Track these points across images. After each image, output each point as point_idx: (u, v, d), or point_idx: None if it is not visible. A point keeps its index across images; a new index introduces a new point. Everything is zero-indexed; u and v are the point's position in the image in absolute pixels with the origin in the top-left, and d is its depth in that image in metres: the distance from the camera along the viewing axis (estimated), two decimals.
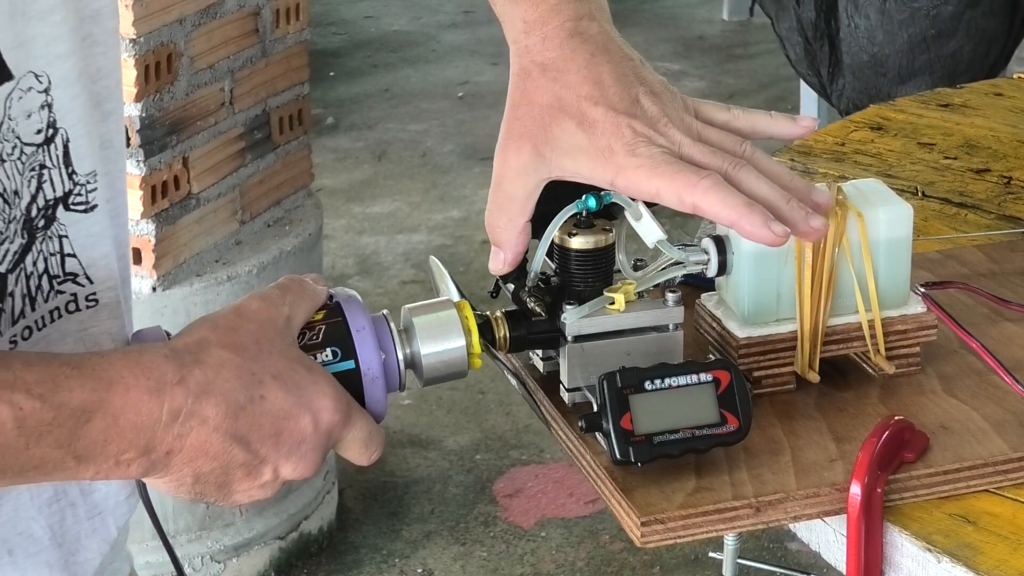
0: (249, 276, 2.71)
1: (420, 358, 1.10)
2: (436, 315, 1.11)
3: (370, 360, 1.06)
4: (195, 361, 0.99)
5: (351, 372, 1.06)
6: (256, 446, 1.00)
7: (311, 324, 1.06)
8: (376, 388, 1.07)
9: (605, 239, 1.21)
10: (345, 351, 1.06)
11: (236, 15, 2.70)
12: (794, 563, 2.91)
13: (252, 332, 1.02)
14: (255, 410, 0.99)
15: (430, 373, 1.11)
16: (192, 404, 0.97)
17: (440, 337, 1.10)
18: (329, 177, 4.64)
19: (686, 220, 4.03)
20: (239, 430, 0.99)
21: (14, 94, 1.00)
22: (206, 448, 0.98)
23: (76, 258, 1.08)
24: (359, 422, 1.04)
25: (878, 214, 1.25)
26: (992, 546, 1.12)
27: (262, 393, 1.00)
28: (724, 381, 1.15)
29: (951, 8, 3.18)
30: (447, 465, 3.27)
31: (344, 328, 1.06)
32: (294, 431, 1.01)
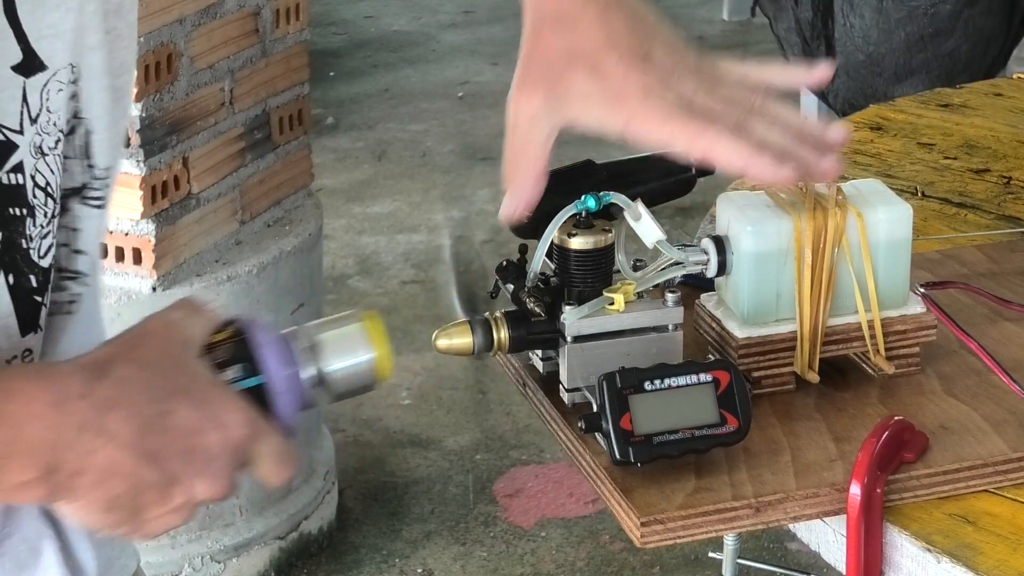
0: (249, 276, 2.71)
1: (327, 374, 1.06)
2: (340, 330, 1.07)
3: (276, 375, 1.03)
4: (100, 375, 0.95)
5: (258, 388, 1.02)
6: (167, 464, 0.95)
7: (214, 344, 1.03)
8: (284, 403, 1.03)
9: (604, 239, 1.21)
10: (251, 368, 1.03)
11: (236, 15, 2.70)
12: (794, 563, 2.91)
13: (156, 348, 0.98)
14: (163, 425, 0.95)
15: (338, 388, 1.07)
16: (98, 419, 0.93)
17: (346, 352, 1.06)
18: (329, 177, 4.64)
19: (686, 220, 4.03)
20: (149, 446, 0.95)
21: (51, 85, 0.99)
22: (115, 468, 0.94)
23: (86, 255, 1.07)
24: (269, 438, 1.00)
25: (878, 214, 1.25)
26: (992, 546, 1.12)
27: (169, 408, 0.96)
28: (724, 381, 1.15)
29: (949, 7, 3.18)
30: (447, 465, 3.27)
31: (248, 345, 1.03)
32: (204, 447, 0.97)
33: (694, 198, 1.51)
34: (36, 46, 0.97)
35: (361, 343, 1.07)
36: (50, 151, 1.00)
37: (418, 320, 3.83)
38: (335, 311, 3.76)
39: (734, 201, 1.26)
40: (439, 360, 3.56)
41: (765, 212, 1.24)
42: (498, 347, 1.22)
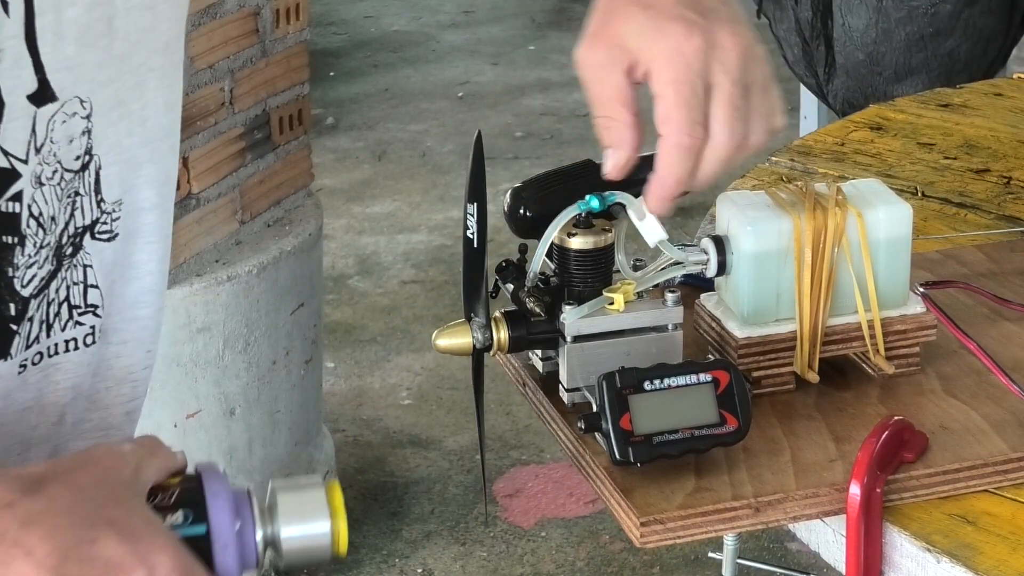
0: (249, 276, 2.71)
1: (280, 540, 1.02)
2: (302, 497, 1.02)
3: (222, 526, 0.99)
4: (31, 490, 0.93)
5: (201, 538, 0.99)
6: None
7: (165, 486, 1.00)
8: (227, 556, 0.99)
9: (604, 239, 1.21)
10: (197, 515, 0.99)
11: (236, 15, 2.70)
12: (794, 563, 2.91)
13: (94, 476, 0.95)
14: (84, 554, 0.92)
15: (290, 556, 1.03)
16: (17, 532, 0.91)
17: (303, 520, 1.02)
18: (329, 177, 4.64)
19: (686, 220, 4.03)
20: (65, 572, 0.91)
21: (57, 116, 0.99)
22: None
23: (98, 289, 1.07)
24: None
25: (878, 214, 1.25)
26: (991, 546, 1.12)
27: (94, 537, 0.92)
28: (723, 381, 1.15)
29: (949, 7, 3.18)
30: (447, 465, 3.27)
31: (199, 491, 1.00)
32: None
33: (694, 198, 1.52)
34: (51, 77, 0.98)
35: (320, 513, 1.02)
36: (48, 181, 1.00)
37: (418, 320, 3.83)
38: (335, 311, 3.76)
39: (734, 201, 1.26)
40: (439, 360, 3.56)
41: (765, 212, 1.24)
42: (498, 347, 1.22)
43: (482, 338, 1.20)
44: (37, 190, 1.00)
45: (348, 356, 3.67)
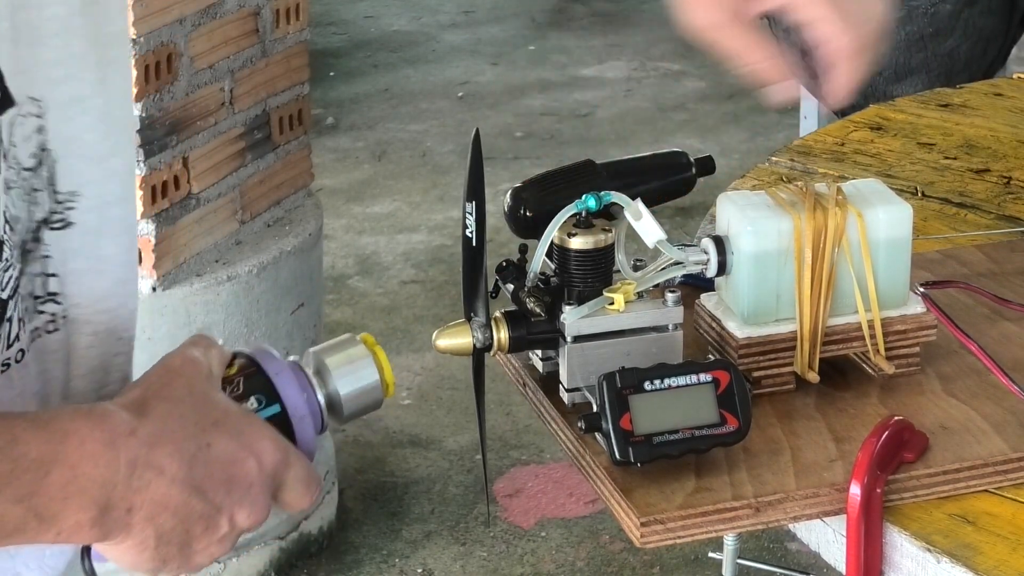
0: (249, 276, 2.71)
1: (339, 396, 1.09)
2: (346, 353, 1.10)
3: (296, 400, 1.06)
4: (141, 413, 0.98)
5: (278, 416, 1.06)
6: (211, 495, 0.99)
7: (228, 378, 1.06)
8: (305, 427, 1.07)
9: (604, 239, 1.21)
10: (269, 397, 1.06)
11: (236, 15, 2.70)
12: (794, 563, 2.91)
13: (184, 385, 1.01)
14: (205, 457, 0.98)
15: (349, 409, 1.10)
16: (147, 455, 0.96)
17: (353, 373, 1.09)
18: (329, 177, 4.64)
19: (686, 220, 4.03)
20: (195, 479, 0.98)
21: (16, 120, 1.00)
22: (166, 502, 0.97)
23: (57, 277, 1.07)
24: (298, 462, 1.04)
25: (878, 214, 1.25)
26: (992, 546, 1.12)
27: (208, 440, 0.99)
28: (724, 381, 1.15)
29: (949, 7, 3.18)
30: (447, 465, 3.27)
31: (263, 375, 1.06)
32: (242, 475, 1.00)
33: (694, 198, 1.52)
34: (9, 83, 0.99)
35: (366, 363, 1.10)
36: (14, 184, 1.02)
37: (418, 320, 3.83)
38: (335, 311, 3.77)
39: (734, 201, 1.26)
40: (439, 360, 3.56)
41: (765, 212, 1.24)
42: (498, 347, 1.22)
43: (482, 337, 1.20)
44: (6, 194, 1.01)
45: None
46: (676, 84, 5.43)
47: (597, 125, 5.06)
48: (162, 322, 2.60)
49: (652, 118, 5.09)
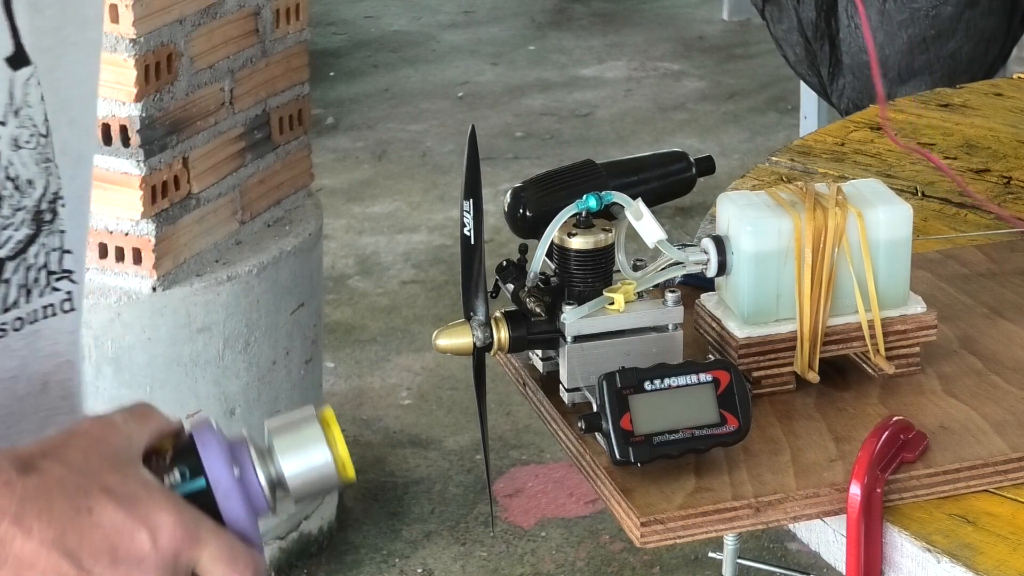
0: (249, 276, 2.71)
1: (284, 478, 1.03)
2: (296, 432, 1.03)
3: (219, 473, 1.00)
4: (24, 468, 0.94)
5: (202, 492, 1.00)
6: (88, 563, 0.93)
7: (160, 451, 1.01)
8: (232, 505, 1.00)
9: (605, 239, 1.21)
10: (194, 469, 1.00)
11: (236, 15, 2.70)
12: (794, 563, 2.91)
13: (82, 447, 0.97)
14: (82, 523, 0.93)
15: (297, 492, 1.04)
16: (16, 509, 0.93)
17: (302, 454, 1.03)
18: (329, 177, 4.64)
19: (686, 220, 4.03)
20: (67, 544, 0.93)
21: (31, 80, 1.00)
22: (32, 561, 0.93)
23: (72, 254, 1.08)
24: (212, 540, 0.97)
25: (878, 214, 1.25)
26: (992, 546, 1.12)
27: (90, 505, 0.94)
28: (724, 381, 1.15)
29: (950, 9, 3.18)
30: (447, 465, 3.27)
31: (192, 447, 1.01)
32: (130, 548, 0.94)
33: (694, 198, 1.52)
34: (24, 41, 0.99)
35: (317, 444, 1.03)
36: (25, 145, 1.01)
37: (418, 320, 3.83)
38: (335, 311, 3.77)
39: (734, 201, 1.26)
40: (439, 360, 3.56)
41: (765, 212, 1.24)
42: (498, 347, 1.22)
43: (482, 336, 1.20)
44: (15, 153, 1.01)
45: (348, 356, 3.67)
46: (676, 84, 5.42)
47: (597, 125, 5.06)
48: (162, 322, 2.60)
49: (652, 118, 5.09)
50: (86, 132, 1.12)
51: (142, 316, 2.58)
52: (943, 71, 3.21)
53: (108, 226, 2.57)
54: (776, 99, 5.24)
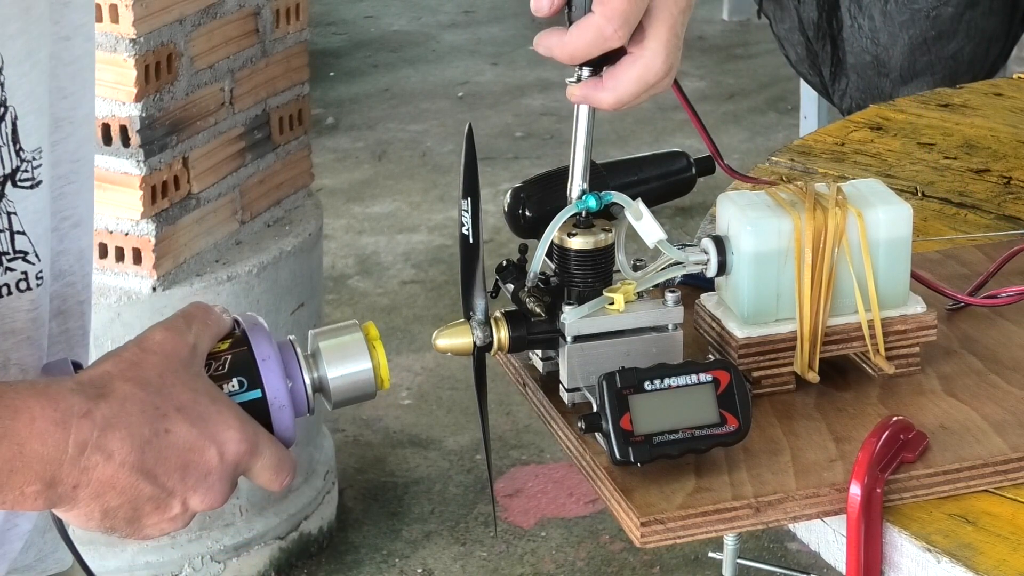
0: (249, 276, 2.71)
1: (328, 382, 1.09)
2: (341, 339, 1.10)
3: (276, 389, 1.06)
4: (100, 395, 0.98)
5: (258, 401, 1.05)
6: (163, 480, 0.99)
7: (217, 354, 1.06)
8: (283, 416, 1.06)
9: (604, 239, 1.21)
10: (251, 381, 1.06)
11: (236, 15, 2.70)
12: (794, 563, 2.91)
13: (155, 365, 1.01)
14: (160, 444, 0.99)
15: (338, 396, 1.10)
16: (97, 438, 0.97)
17: (346, 360, 1.09)
18: (329, 177, 4.64)
19: (686, 220, 4.03)
20: (145, 464, 0.98)
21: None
22: (113, 483, 0.98)
23: (26, 235, 1.08)
24: (267, 451, 1.03)
25: (878, 214, 1.25)
26: (992, 546, 1.12)
27: (167, 427, 0.99)
28: (724, 381, 1.15)
29: (951, 9, 3.18)
30: (447, 465, 3.27)
31: (250, 357, 1.06)
32: (200, 463, 1.00)
33: (694, 198, 1.52)
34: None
35: (360, 352, 1.09)
36: None
37: (418, 320, 3.83)
38: (335, 311, 3.77)
39: (734, 201, 1.26)
40: (439, 360, 3.56)
41: (765, 212, 1.24)
42: (498, 347, 1.22)
43: (482, 335, 1.20)
44: None
45: None
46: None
47: (597, 125, 5.05)
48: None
49: (652, 118, 5.09)
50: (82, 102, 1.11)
51: (142, 316, 2.58)
52: (944, 72, 3.21)
53: (108, 226, 2.57)
54: (776, 99, 5.24)
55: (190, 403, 1.00)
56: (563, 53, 1.12)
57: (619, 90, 1.13)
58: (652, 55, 1.12)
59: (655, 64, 1.13)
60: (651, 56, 1.12)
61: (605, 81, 1.14)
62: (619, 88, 1.13)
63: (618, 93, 1.14)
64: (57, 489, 0.97)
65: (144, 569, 2.71)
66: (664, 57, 1.12)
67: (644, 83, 1.13)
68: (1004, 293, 1.37)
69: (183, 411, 1.00)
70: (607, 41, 1.11)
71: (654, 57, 1.12)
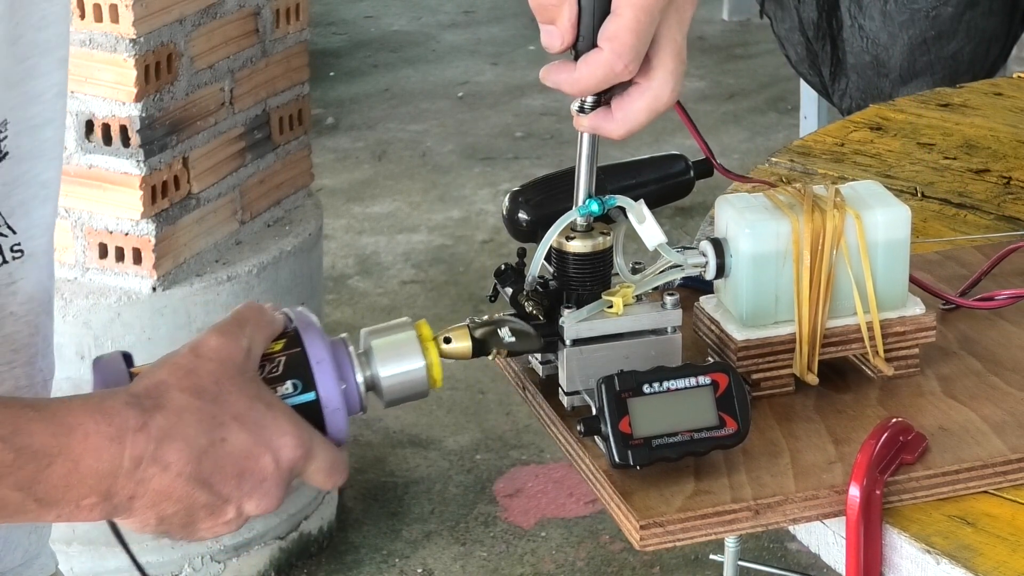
0: (249, 276, 2.71)
1: (380, 381, 1.09)
2: (394, 337, 1.10)
3: (330, 392, 1.06)
4: (156, 407, 0.98)
5: (312, 404, 1.05)
6: (219, 488, 1.00)
7: (270, 355, 1.06)
8: (337, 419, 1.06)
9: (603, 242, 1.21)
10: (305, 383, 1.05)
11: (236, 15, 2.70)
12: (794, 563, 2.91)
13: (211, 372, 1.01)
14: (217, 453, 0.99)
15: (390, 395, 1.10)
16: (154, 451, 0.97)
17: (399, 358, 1.09)
18: (329, 177, 4.64)
19: (686, 220, 4.03)
20: (201, 473, 0.99)
21: None
22: (169, 493, 0.98)
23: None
24: (321, 454, 1.04)
25: (876, 216, 1.25)
26: (991, 547, 1.12)
27: (223, 435, 1.00)
28: (723, 384, 1.15)
29: (951, 9, 3.18)
30: (447, 465, 3.27)
31: (304, 359, 1.06)
32: (256, 470, 1.01)
33: (694, 198, 1.52)
34: None
35: (413, 351, 1.09)
36: None
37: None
38: (335, 311, 3.76)
39: (732, 203, 1.26)
40: None
41: (763, 214, 1.24)
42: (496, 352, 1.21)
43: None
44: None
45: None
46: None
47: None
48: (162, 322, 2.60)
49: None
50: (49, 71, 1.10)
51: (142, 316, 2.58)
52: (944, 72, 3.21)
53: (108, 226, 2.57)
54: (776, 99, 5.24)
55: (246, 410, 1.01)
56: (573, 89, 1.12)
57: (629, 121, 1.14)
58: (661, 85, 1.13)
59: (664, 94, 1.13)
60: (660, 86, 1.13)
61: (615, 112, 1.14)
62: (629, 119, 1.14)
63: (628, 125, 1.14)
64: (113, 501, 0.97)
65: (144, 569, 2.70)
66: (672, 86, 1.13)
67: (654, 112, 1.14)
68: (1000, 295, 1.37)
69: (239, 419, 1.00)
70: (617, 76, 1.11)
71: (663, 87, 1.13)
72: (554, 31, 1.11)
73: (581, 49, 1.12)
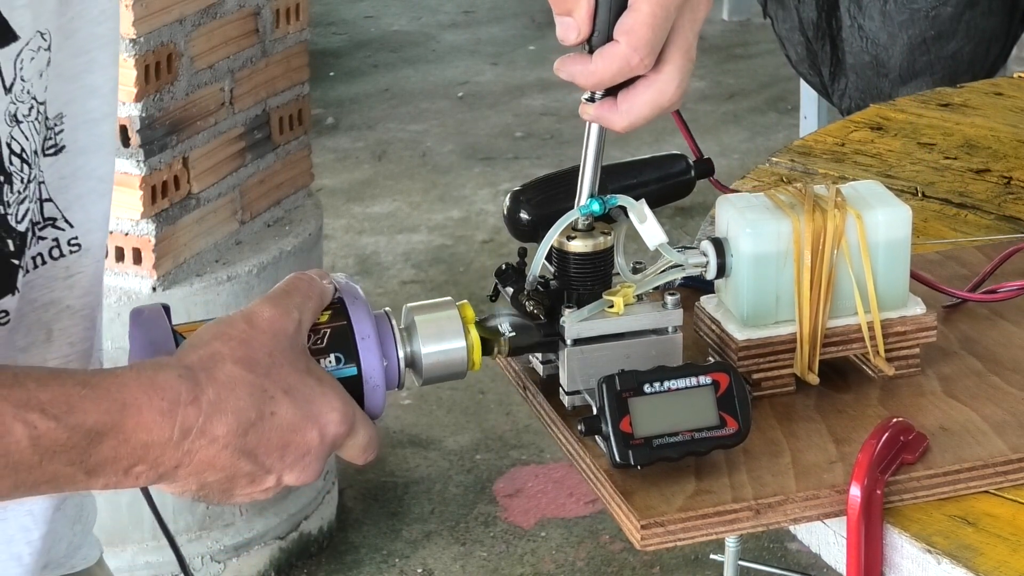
0: (249, 276, 2.71)
1: (420, 358, 1.11)
2: (437, 315, 1.11)
3: (373, 369, 1.07)
4: (209, 379, 0.99)
5: (353, 378, 1.07)
6: (263, 459, 1.01)
7: (317, 326, 1.07)
8: (377, 395, 1.08)
9: (604, 242, 1.21)
10: (348, 357, 1.07)
11: (236, 15, 2.70)
12: (794, 563, 2.91)
13: (265, 345, 1.02)
14: (265, 426, 1.00)
15: (429, 373, 1.12)
16: (203, 423, 0.98)
17: (441, 337, 1.11)
18: (329, 177, 4.64)
19: (686, 220, 4.03)
20: (247, 445, 1.00)
21: (24, 54, 1.00)
22: (213, 462, 0.99)
23: (52, 202, 1.08)
24: (362, 430, 1.05)
25: (877, 216, 1.25)
26: (992, 547, 1.12)
27: (272, 409, 1.01)
28: (723, 383, 1.15)
29: (950, 9, 3.18)
30: (447, 465, 3.27)
31: (349, 332, 1.07)
32: (301, 444, 1.02)
33: (694, 198, 1.52)
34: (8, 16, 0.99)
35: (455, 330, 1.11)
36: (24, 118, 1.02)
37: None
38: None
39: (733, 203, 1.26)
40: None
41: (764, 214, 1.24)
42: (498, 350, 1.21)
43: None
44: (14, 128, 1.01)
45: None
46: None
47: None
48: None
49: None
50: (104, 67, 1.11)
51: None
52: (944, 71, 3.21)
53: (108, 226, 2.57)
54: (776, 99, 5.24)
55: (297, 384, 1.02)
56: (588, 81, 1.12)
57: (632, 113, 1.14)
58: (667, 80, 1.13)
59: (669, 89, 1.13)
60: (666, 81, 1.13)
61: (619, 104, 1.14)
62: (632, 112, 1.14)
63: (631, 117, 1.14)
64: (159, 470, 0.98)
65: (144, 569, 2.71)
66: (679, 82, 1.13)
67: (657, 107, 1.14)
68: (1006, 287, 1.37)
69: (289, 393, 1.01)
70: (633, 70, 1.12)
71: (669, 82, 1.13)
72: (571, 23, 1.11)
73: (596, 43, 1.12)
